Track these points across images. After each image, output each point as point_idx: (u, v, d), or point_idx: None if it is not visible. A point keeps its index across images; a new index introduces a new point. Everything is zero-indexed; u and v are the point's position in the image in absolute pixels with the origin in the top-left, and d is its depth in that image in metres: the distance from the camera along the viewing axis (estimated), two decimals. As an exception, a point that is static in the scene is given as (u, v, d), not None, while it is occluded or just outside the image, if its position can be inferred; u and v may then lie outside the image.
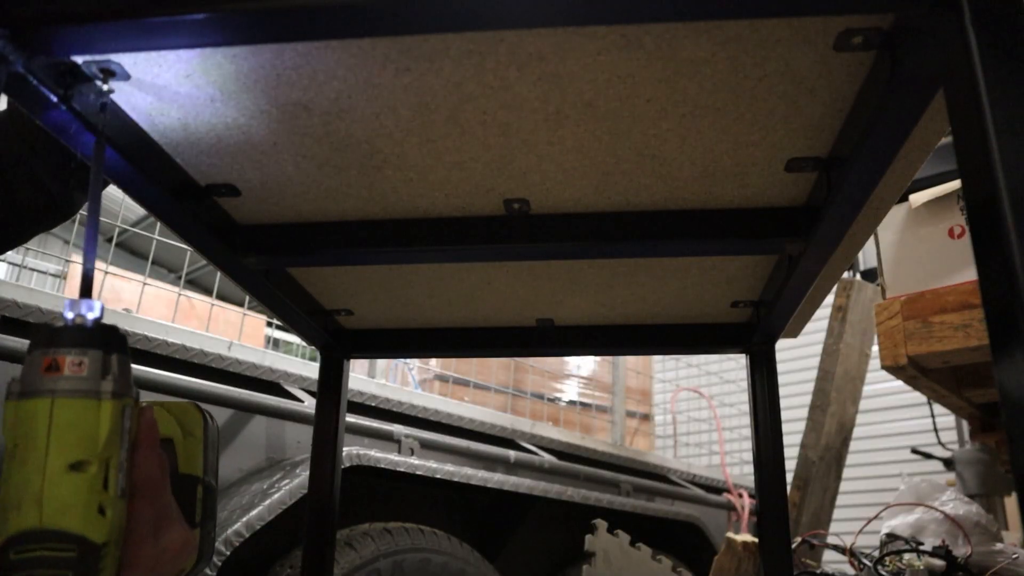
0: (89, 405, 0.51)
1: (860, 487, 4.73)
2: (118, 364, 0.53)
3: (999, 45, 0.43)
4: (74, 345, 0.51)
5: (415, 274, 1.01)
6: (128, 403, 0.54)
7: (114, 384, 0.52)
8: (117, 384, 0.52)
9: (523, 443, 2.57)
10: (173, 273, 6.17)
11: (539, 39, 0.58)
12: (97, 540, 0.50)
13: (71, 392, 0.51)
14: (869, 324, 2.76)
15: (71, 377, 0.51)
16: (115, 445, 0.52)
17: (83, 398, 0.51)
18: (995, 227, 0.41)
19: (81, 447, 0.50)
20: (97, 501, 0.51)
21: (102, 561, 0.50)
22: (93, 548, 0.50)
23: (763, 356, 1.14)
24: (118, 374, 0.53)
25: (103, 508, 0.51)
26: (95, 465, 0.51)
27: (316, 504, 1.14)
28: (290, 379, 1.96)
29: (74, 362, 0.51)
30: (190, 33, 0.53)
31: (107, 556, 0.51)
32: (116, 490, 0.52)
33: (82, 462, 0.50)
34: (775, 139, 0.70)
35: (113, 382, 0.52)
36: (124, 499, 0.53)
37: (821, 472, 2.64)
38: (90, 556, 0.50)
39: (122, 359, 0.54)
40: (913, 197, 1.82)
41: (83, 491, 0.50)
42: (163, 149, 0.73)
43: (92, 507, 0.50)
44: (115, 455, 0.52)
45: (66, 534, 0.49)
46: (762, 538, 1.10)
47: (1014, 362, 0.40)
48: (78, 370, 0.51)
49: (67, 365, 0.51)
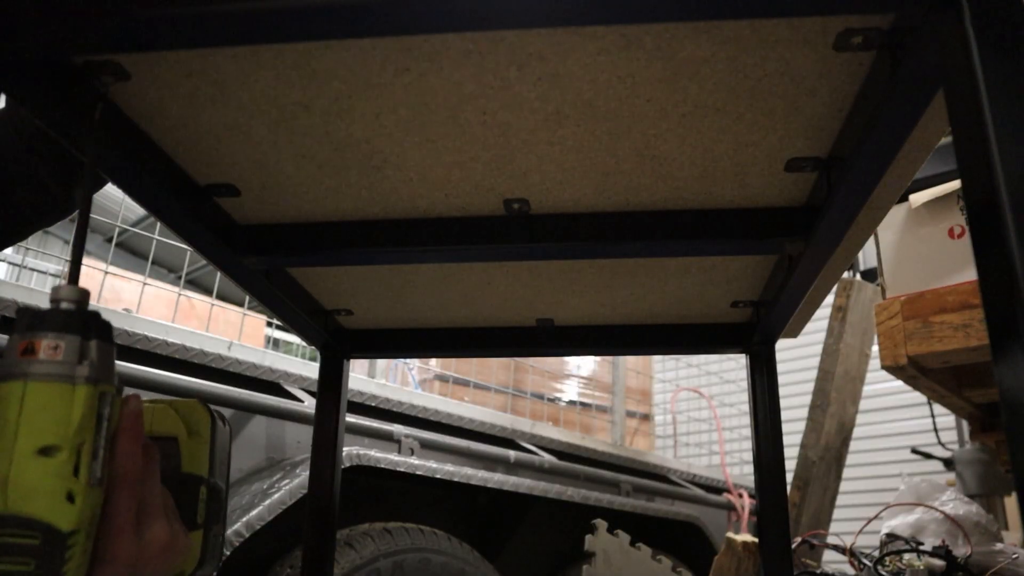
0: (62, 389, 0.50)
1: (860, 487, 4.74)
2: (97, 350, 0.52)
3: (999, 45, 0.43)
4: (51, 329, 0.50)
5: (415, 274, 1.01)
6: (107, 390, 0.52)
7: (91, 370, 0.51)
8: (95, 370, 0.51)
9: (523, 443, 2.57)
10: (173, 273, 6.17)
11: (539, 39, 0.58)
12: (63, 528, 0.48)
13: (44, 376, 0.49)
14: (869, 324, 2.76)
15: (46, 361, 0.50)
16: (88, 431, 0.51)
17: (56, 382, 0.50)
18: (995, 227, 0.41)
19: (51, 431, 0.49)
20: (66, 488, 0.49)
21: (69, 551, 0.49)
22: (59, 536, 0.48)
23: (763, 356, 1.14)
24: (96, 360, 0.51)
25: (72, 495, 0.49)
26: (66, 451, 0.49)
27: (316, 504, 1.14)
28: (290, 379, 1.96)
29: (50, 345, 0.50)
30: (190, 33, 0.53)
31: (75, 546, 0.49)
32: (88, 478, 0.50)
33: (52, 447, 0.49)
34: (775, 139, 0.70)
35: (90, 368, 0.51)
36: (98, 488, 0.51)
37: (821, 472, 2.64)
38: (55, 544, 0.48)
39: (103, 346, 0.52)
40: (913, 197, 1.82)
41: (50, 476, 0.49)
42: (163, 149, 0.73)
43: (59, 493, 0.49)
44: (88, 441, 0.50)
45: (30, 520, 0.48)
46: (762, 538, 1.10)
47: (1014, 362, 0.40)
48: (53, 354, 0.50)
49: (43, 349, 0.50)
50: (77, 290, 0.53)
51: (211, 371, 1.79)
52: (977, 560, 1.37)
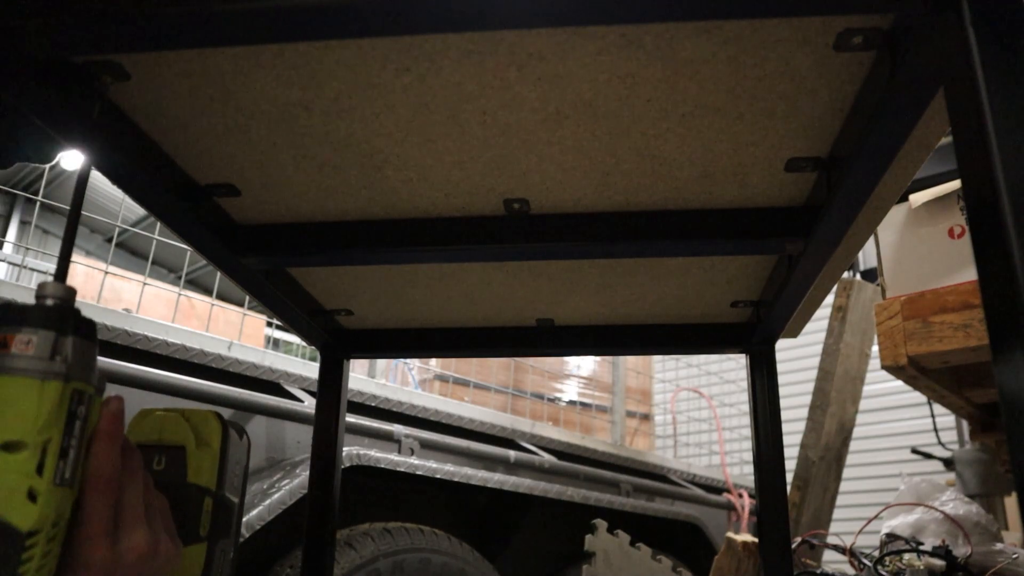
0: (30, 384, 0.48)
1: (860, 487, 4.74)
2: (74, 347, 0.50)
3: (999, 45, 0.43)
4: (26, 324, 0.49)
5: (415, 274, 1.01)
6: (81, 388, 0.51)
7: (64, 366, 0.49)
8: (68, 367, 0.50)
9: (523, 443, 2.57)
10: (173, 273, 6.17)
11: (539, 39, 0.58)
12: (21, 527, 0.46)
13: (11, 370, 0.48)
14: (869, 324, 2.76)
15: (17, 355, 0.48)
16: (56, 429, 0.49)
17: (23, 376, 0.48)
18: (995, 227, 0.41)
19: (15, 427, 0.47)
20: (27, 485, 0.47)
21: (27, 551, 0.47)
22: (16, 535, 0.46)
23: (763, 356, 1.14)
24: (71, 357, 0.50)
25: (34, 493, 0.47)
26: (29, 447, 0.47)
27: (316, 504, 1.14)
28: (290, 379, 1.96)
29: (23, 340, 0.49)
30: (190, 33, 0.53)
31: (35, 547, 0.47)
32: (54, 477, 0.48)
33: (15, 443, 0.47)
34: (775, 139, 0.70)
35: (63, 364, 0.49)
36: (67, 489, 0.50)
37: (821, 472, 2.64)
38: (11, 544, 0.46)
39: (80, 343, 0.51)
40: (913, 197, 1.82)
41: (11, 473, 0.47)
42: (163, 149, 0.73)
43: (19, 491, 0.47)
44: (55, 440, 0.49)
45: None
46: (762, 538, 1.10)
47: (1014, 362, 0.40)
48: (25, 349, 0.49)
49: (15, 343, 0.49)
50: (61, 287, 0.52)
51: (211, 371, 1.79)
52: (977, 560, 1.37)
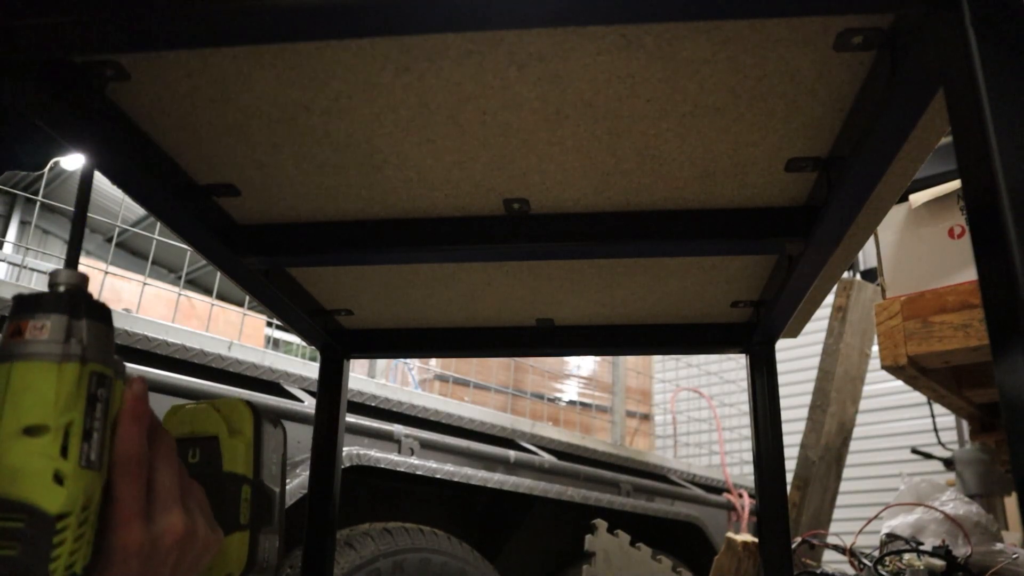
0: (47, 367, 0.48)
1: (860, 487, 4.74)
2: (88, 330, 0.50)
3: (999, 45, 0.43)
4: (39, 311, 0.50)
5: (415, 274, 1.01)
6: (100, 370, 0.51)
7: (79, 348, 0.49)
8: (84, 349, 0.49)
9: (523, 443, 2.57)
10: (173, 273, 6.17)
11: (539, 39, 0.58)
12: (50, 511, 0.46)
13: (29, 355, 0.48)
14: (869, 324, 2.76)
15: (31, 340, 0.49)
16: (77, 411, 0.49)
17: (40, 360, 0.48)
18: (995, 227, 0.41)
19: (36, 410, 0.47)
20: (52, 468, 0.47)
21: (58, 535, 0.46)
22: (46, 519, 0.46)
23: (763, 356, 1.14)
24: (86, 339, 0.50)
25: (60, 476, 0.47)
26: (52, 430, 0.47)
27: (316, 504, 1.14)
28: (290, 379, 1.96)
29: (36, 326, 0.49)
30: (190, 33, 0.53)
31: (67, 530, 0.47)
32: (79, 459, 0.48)
33: (37, 427, 0.47)
34: (775, 139, 0.70)
35: (79, 346, 0.49)
36: (95, 472, 0.49)
37: (821, 472, 2.64)
38: (42, 528, 0.46)
39: (94, 325, 0.51)
40: (913, 197, 1.82)
41: (36, 456, 0.47)
42: (163, 149, 0.73)
43: (45, 475, 0.47)
44: (78, 422, 0.49)
45: (14, 503, 0.46)
46: (762, 538, 1.10)
47: (1014, 362, 0.40)
48: (39, 333, 0.49)
49: (29, 329, 0.49)
50: (72, 273, 0.52)
51: (211, 371, 1.79)
52: (977, 560, 1.37)
